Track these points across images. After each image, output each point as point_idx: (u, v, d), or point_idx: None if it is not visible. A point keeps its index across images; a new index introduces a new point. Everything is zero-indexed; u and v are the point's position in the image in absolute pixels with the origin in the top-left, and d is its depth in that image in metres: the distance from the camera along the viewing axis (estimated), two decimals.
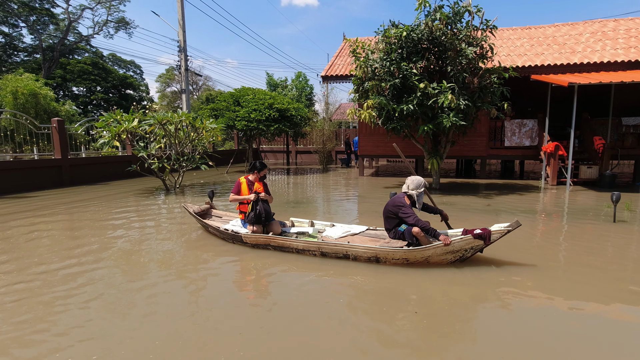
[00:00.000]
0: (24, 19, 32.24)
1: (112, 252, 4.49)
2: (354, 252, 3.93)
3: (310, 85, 31.81)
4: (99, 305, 3.02)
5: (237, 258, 4.24)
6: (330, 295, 3.21)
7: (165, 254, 4.40)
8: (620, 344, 2.44)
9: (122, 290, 3.32)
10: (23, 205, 7.66)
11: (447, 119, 8.04)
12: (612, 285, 3.38)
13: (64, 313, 2.90)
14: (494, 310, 2.94)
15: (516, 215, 6.49)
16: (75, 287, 3.41)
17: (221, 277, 3.74)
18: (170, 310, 2.93)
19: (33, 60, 33.61)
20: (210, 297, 3.21)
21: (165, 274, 3.75)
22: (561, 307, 2.96)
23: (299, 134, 20.23)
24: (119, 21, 35.09)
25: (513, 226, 3.59)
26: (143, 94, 36.31)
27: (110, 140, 8.73)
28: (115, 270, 3.86)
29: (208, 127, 9.89)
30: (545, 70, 10.75)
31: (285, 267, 3.90)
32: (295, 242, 4.19)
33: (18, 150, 11.87)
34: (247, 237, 4.47)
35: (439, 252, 3.74)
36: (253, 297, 3.28)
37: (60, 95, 32.10)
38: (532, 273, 3.69)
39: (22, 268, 3.92)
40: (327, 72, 13.25)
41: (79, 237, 5.19)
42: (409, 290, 3.31)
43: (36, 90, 16.53)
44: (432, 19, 8.55)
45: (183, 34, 19.31)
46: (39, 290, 3.34)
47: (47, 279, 3.60)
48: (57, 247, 4.73)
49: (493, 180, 11.76)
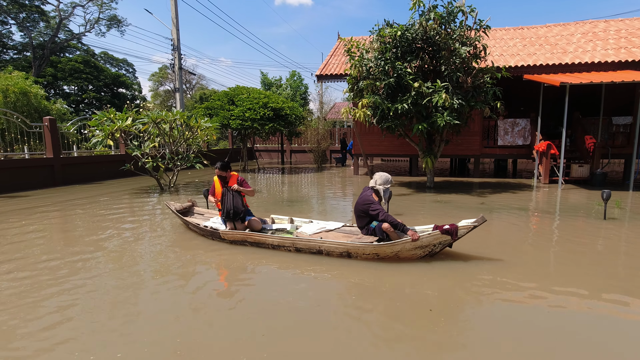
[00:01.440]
0: (13, 16, 31.70)
1: (103, 252, 4.46)
2: (326, 247, 4.07)
3: (305, 85, 31.81)
4: (80, 308, 3.00)
5: (217, 254, 4.31)
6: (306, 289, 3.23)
7: (155, 254, 4.39)
8: (603, 339, 2.50)
9: (104, 292, 3.31)
10: (13, 205, 7.56)
11: (441, 118, 8.10)
12: (601, 280, 3.45)
13: (49, 306, 2.88)
14: (489, 307, 2.98)
15: (509, 212, 6.57)
16: (61, 287, 3.39)
17: (199, 272, 3.75)
18: (153, 308, 2.93)
19: (23, 58, 33.09)
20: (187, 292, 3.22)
21: (153, 274, 3.74)
22: (549, 303, 3.01)
23: (294, 133, 20.21)
24: (110, 19, 34.69)
25: (479, 222, 3.70)
26: (136, 92, 35.97)
27: (103, 139, 8.65)
28: (104, 269, 3.84)
29: (203, 126, 9.85)
30: (538, 70, 10.88)
31: (259, 263, 3.97)
32: (270, 239, 4.31)
33: (8, 149, 11.70)
34: (225, 234, 4.59)
35: (408, 247, 3.85)
36: (223, 293, 3.29)
37: (51, 93, 31.66)
38: (522, 269, 3.75)
39: (10, 267, 3.88)
40: (322, 71, 13.26)
41: (70, 237, 5.14)
42: (379, 282, 3.35)
43: (27, 89, 16.29)
44: (426, 18, 8.62)
45: (176, 32, 19.18)
46: (26, 289, 3.32)
47: (36, 278, 3.57)
48: (47, 247, 4.69)
49: (486, 179, 11.88)
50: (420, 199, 8.20)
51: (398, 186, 10.32)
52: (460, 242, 4.65)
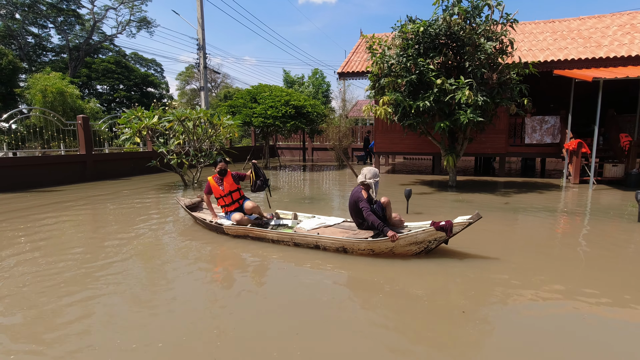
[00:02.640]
0: (52, 20, 33.40)
1: (131, 245, 4.67)
2: (322, 242, 4.19)
3: (327, 82, 31.81)
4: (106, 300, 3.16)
5: (219, 246, 4.47)
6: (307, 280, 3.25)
7: (176, 247, 4.55)
8: (612, 344, 2.39)
9: (130, 285, 3.46)
10: (50, 199, 8.01)
11: (464, 115, 7.91)
12: (630, 288, 3.29)
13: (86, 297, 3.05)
14: (508, 310, 2.92)
15: (535, 213, 6.35)
16: (95, 276, 3.58)
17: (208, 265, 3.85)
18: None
19: (60, 59, 34.79)
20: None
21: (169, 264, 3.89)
22: (576, 307, 2.90)
23: (315, 130, 20.27)
24: (141, 20, 35.90)
25: (474, 218, 3.68)
26: (163, 91, 37.12)
27: (131, 137, 9.00)
28: (132, 262, 4.02)
29: (225, 123, 10.07)
30: (569, 65, 10.40)
31: (257, 257, 4.08)
32: (270, 234, 4.49)
33: (46, 146, 12.38)
34: (228, 229, 4.78)
35: (402, 242, 3.86)
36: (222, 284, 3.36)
37: (85, 93, 33.16)
38: (545, 271, 3.63)
39: (47, 255, 4.13)
40: (344, 69, 13.23)
41: (102, 229, 5.41)
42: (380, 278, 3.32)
43: (63, 89, 17.16)
44: (450, 13, 8.42)
45: (202, 32, 19.63)
46: (57, 275, 3.52)
47: (66, 266, 3.78)
48: (80, 237, 4.95)
49: (512, 179, 11.50)
50: (442, 198, 8.05)
51: (419, 185, 10.17)
52: (481, 243, 4.57)
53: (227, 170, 5.19)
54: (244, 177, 5.33)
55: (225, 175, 5.16)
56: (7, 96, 23.56)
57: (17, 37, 31.82)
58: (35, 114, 12.60)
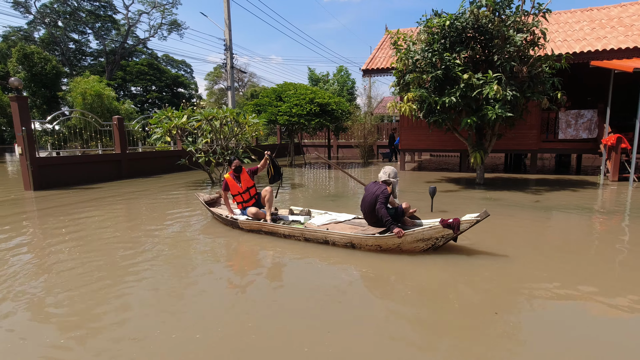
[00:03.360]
0: (90, 26, 35.16)
1: (160, 237, 4.91)
2: (331, 238, 4.28)
3: (352, 80, 31.64)
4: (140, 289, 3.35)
5: (244, 242, 4.55)
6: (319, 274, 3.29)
7: (202, 242, 4.74)
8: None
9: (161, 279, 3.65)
10: (90, 195, 8.52)
11: (492, 110, 7.68)
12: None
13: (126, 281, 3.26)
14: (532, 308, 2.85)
15: (569, 212, 6.08)
16: (129, 263, 3.80)
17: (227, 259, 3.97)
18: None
19: (98, 63, 36.59)
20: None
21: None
22: (611, 312, 2.79)
23: (340, 128, 20.24)
24: (171, 23, 37.12)
25: (482, 216, 3.66)
26: (193, 91, 38.27)
27: (162, 136, 9.39)
28: (160, 255, 4.23)
29: (250, 122, 10.28)
30: (608, 56, 9.82)
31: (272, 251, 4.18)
32: (282, 229, 4.63)
33: (85, 145, 13.14)
34: (243, 223, 4.98)
35: (409, 239, 3.89)
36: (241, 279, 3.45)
37: (120, 95, 34.74)
38: (579, 273, 3.49)
39: (90, 247, 4.43)
40: (368, 66, 13.13)
41: (136, 223, 5.72)
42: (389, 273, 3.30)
43: (101, 91, 18.11)
44: (477, 5, 8.17)
45: (229, 33, 20.07)
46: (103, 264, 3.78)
47: (107, 257, 4.04)
48: (117, 230, 5.26)
49: (545, 176, 11.03)
50: (468, 195, 7.86)
51: (445, 182, 9.97)
52: (509, 242, 4.46)
53: (242, 167, 5.40)
54: (256, 170, 5.55)
55: (241, 172, 5.35)
56: (51, 99, 25.16)
57: (59, 43, 33.83)
58: (76, 116, 13.38)
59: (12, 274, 3.64)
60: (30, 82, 23.98)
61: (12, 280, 3.48)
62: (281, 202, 7.41)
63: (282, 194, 8.48)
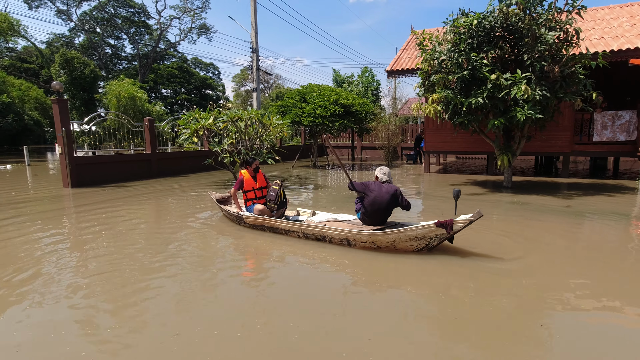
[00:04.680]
0: (125, 32, 36.78)
1: (186, 232, 5.10)
2: (328, 234, 4.43)
3: (376, 81, 31.40)
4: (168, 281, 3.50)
5: (267, 242, 4.62)
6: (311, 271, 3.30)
7: (227, 243, 4.88)
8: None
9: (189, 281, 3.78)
10: (122, 193, 8.94)
11: (521, 112, 7.43)
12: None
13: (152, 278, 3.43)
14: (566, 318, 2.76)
15: (603, 219, 5.80)
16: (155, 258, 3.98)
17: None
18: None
19: (132, 67, 38.19)
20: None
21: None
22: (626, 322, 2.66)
23: (364, 129, 20.17)
24: (201, 27, 38.20)
25: (475, 217, 3.64)
26: (220, 93, 39.22)
27: (190, 137, 9.71)
28: (186, 253, 4.39)
29: (275, 123, 10.44)
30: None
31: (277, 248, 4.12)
32: (283, 224, 4.84)
33: (118, 145, 13.78)
34: (247, 219, 5.25)
35: (402, 237, 3.96)
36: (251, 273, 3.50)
37: (152, 97, 36.11)
38: (626, 286, 3.35)
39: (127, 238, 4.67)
40: (393, 67, 13.03)
41: (165, 219, 5.96)
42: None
43: (134, 94, 18.94)
44: (507, 4, 7.95)
45: (255, 36, 20.46)
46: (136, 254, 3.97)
47: (142, 250, 4.25)
48: (148, 226, 5.51)
49: (578, 180, 10.54)
50: (495, 199, 7.65)
51: (471, 185, 9.74)
52: (540, 247, 4.32)
53: (259, 168, 5.73)
54: (268, 182, 5.75)
55: (258, 172, 5.68)
56: (89, 101, 26.54)
57: (97, 48, 35.62)
58: (110, 117, 14.06)
59: (54, 265, 3.89)
60: (70, 85, 25.41)
61: (57, 272, 3.72)
62: (301, 203, 7.49)
63: (306, 194, 8.56)
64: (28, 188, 9.92)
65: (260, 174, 5.68)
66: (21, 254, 4.26)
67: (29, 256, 4.19)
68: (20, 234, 5.17)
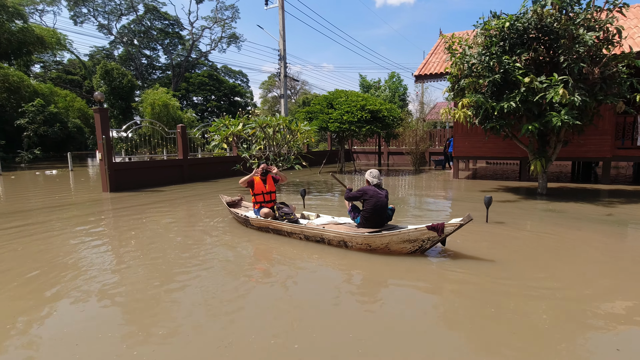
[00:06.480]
0: (160, 43, 38.52)
1: (215, 234, 5.25)
2: (326, 236, 4.64)
3: (404, 86, 31.06)
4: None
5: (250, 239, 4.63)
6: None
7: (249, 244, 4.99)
8: None
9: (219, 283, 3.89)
10: (157, 197, 9.33)
11: (557, 116, 7.13)
12: None
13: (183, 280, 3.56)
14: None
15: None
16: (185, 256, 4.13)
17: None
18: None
19: (165, 76, 39.91)
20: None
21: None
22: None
23: (391, 134, 20.00)
24: (230, 37, 39.39)
25: (465, 220, 3.71)
26: (248, 100, 40.16)
27: (219, 143, 10.01)
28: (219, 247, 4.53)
29: (302, 129, 10.57)
30: None
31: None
32: (285, 226, 5.10)
33: (153, 152, 14.40)
34: (253, 221, 5.55)
35: (396, 239, 4.10)
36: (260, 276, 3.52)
37: (184, 104, 37.54)
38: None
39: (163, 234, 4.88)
40: (421, 71, 12.88)
41: (194, 221, 6.17)
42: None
43: (167, 102, 19.77)
44: (541, 4, 7.68)
45: (283, 44, 20.84)
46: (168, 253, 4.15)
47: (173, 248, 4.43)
48: (180, 229, 5.73)
49: (620, 186, 9.94)
50: (529, 206, 7.36)
51: (503, 192, 9.41)
52: (578, 258, 4.13)
53: (269, 172, 5.91)
54: (278, 179, 6.01)
55: (267, 176, 5.86)
56: (126, 109, 27.99)
57: (134, 59, 37.52)
58: (146, 124, 14.74)
59: (91, 264, 4.13)
60: (109, 94, 26.90)
61: (95, 270, 3.95)
62: (323, 208, 7.51)
63: (331, 200, 8.59)
64: (71, 192, 10.56)
65: (269, 178, 5.83)
66: (70, 256, 4.54)
67: (76, 257, 4.46)
68: (66, 235, 5.52)
